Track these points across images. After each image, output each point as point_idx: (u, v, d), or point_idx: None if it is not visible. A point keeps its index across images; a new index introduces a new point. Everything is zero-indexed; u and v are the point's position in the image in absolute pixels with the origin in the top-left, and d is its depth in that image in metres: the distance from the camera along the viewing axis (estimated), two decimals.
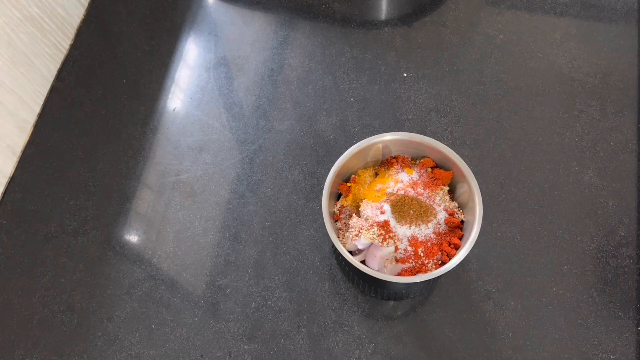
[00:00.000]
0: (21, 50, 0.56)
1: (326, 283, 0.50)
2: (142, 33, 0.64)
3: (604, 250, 0.50)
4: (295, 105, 0.59)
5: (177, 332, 0.49)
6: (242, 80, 0.60)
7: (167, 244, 0.52)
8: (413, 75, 0.59)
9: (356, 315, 0.48)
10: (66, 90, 0.61)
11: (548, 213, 0.52)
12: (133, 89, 0.60)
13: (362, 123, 0.57)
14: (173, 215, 0.54)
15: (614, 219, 0.51)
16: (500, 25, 0.62)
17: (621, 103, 0.56)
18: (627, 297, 0.48)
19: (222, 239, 0.52)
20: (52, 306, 0.50)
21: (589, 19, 0.61)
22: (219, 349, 0.48)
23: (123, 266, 0.52)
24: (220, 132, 0.58)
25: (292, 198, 0.54)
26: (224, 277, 0.51)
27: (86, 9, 0.65)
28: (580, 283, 0.49)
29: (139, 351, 0.48)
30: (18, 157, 0.57)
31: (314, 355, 0.47)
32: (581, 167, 0.54)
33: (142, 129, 0.58)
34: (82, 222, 0.54)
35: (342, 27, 0.63)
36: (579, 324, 0.47)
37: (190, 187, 0.55)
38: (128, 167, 0.56)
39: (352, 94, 0.59)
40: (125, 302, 0.50)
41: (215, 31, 0.63)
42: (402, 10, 0.64)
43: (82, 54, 0.63)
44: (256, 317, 0.49)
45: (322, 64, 0.61)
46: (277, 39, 0.63)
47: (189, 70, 0.61)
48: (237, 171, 0.55)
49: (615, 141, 0.55)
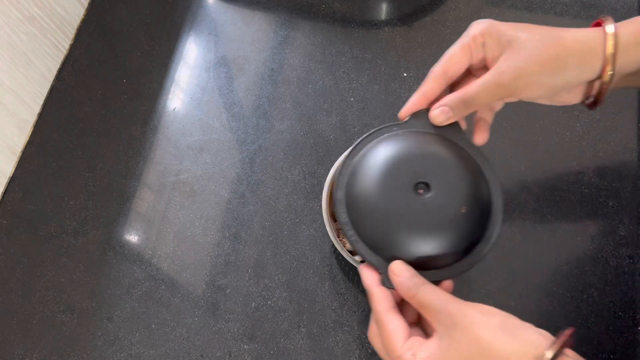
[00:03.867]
0: (21, 50, 0.56)
1: (326, 283, 0.50)
2: (142, 33, 0.64)
3: (604, 250, 0.50)
4: (295, 105, 0.59)
5: (177, 332, 0.49)
6: (242, 80, 0.60)
7: (167, 244, 0.52)
8: (413, 75, 0.59)
9: (356, 315, 0.48)
10: (66, 90, 0.61)
11: (548, 213, 0.52)
12: (133, 89, 0.60)
13: (362, 123, 0.57)
14: (173, 215, 0.54)
15: (614, 219, 0.51)
16: None
17: (621, 103, 0.56)
18: (627, 297, 0.48)
19: (222, 238, 0.52)
20: (52, 306, 0.50)
21: (589, 19, 0.61)
22: (219, 348, 0.48)
23: (123, 266, 0.52)
24: (220, 132, 0.58)
25: (292, 198, 0.54)
26: (224, 277, 0.51)
27: (86, 9, 0.65)
28: (580, 283, 0.49)
29: (139, 351, 0.48)
30: (18, 157, 0.57)
31: (314, 355, 0.47)
32: (581, 167, 0.54)
33: (142, 128, 0.58)
34: (82, 222, 0.54)
35: (342, 27, 0.63)
36: (579, 324, 0.47)
37: (190, 187, 0.55)
38: (128, 167, 0.56)
39: (352, 94, 0.59)
40: (125, 302, 0.50)
41: (215, 31, 0.63)
42: (402, 10, 0.64)
43: (82, 54, 0.63)
44: (256, 317, 0.49)
45: (322, 64, 0.61)
46: (277, 38, 0.63)
47: (189, 70, 0.61)
48: (237, 171, 0.55)
49: (615, 141, 0.55)
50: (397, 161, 0.39)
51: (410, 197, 0.37)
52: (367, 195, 0.38)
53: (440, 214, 0.37)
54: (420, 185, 0.38)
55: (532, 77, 0.37)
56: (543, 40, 0.37)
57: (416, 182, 0.38)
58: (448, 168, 0.38)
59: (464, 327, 0.31)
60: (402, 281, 0.35)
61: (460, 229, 0.37)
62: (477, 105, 0.38)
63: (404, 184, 0.38)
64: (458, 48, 0.40)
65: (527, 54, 0.37)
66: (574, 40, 0.37)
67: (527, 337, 0.31)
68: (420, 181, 0.38)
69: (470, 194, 0.38)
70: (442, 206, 0.37)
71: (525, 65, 0.37)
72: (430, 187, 0.38)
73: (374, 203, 0.38)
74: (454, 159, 0.39)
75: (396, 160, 0.39)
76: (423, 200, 0.37)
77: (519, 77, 0.37)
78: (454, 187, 0.38)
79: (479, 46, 0.39)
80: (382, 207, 0.38)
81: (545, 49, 0.37)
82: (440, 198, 0.37)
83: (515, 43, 0.37)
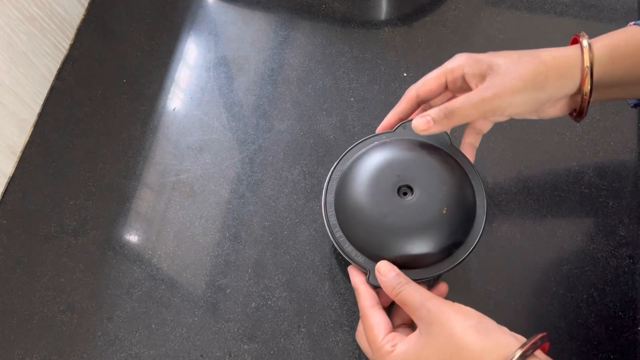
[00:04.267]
0: (21, 50, 0.56)
1: (326, 283, 0.50)
2: (142, 33, 0.64)
3: (604, 250, 0.50)
4: (295, 105, 0.59)
5: (177, 332, 0.49)
6: (242, 80, 0.60)
7: (167, 244, 0.52)
8: (413, 75, 0.59)
9: (356, 315, 0.48)
10: (66, 90, 0.61)
11: (548, 213, 0.52)
12: (133, 89, 0.60)
13: (362, 123, 0.57)
14: (173, 215, 0.54)
15: (614, 219, 0.51)
16: (500, 25, 0.62)
17: (621, 103, 0.56)
18: (627, 297, 0.48)
19: (222, 238, 0.52)
20: (52, 306, 0.50)
21: (589, 19, 0.61)
22: (219, 348, 0.48)
23: (123, 266, 0.52)
24: (220, 132, 0.58)
25: (292, 198, 0.54)
26: (224, 277, 0.51)
27: (86, 9, 0.65)
28: (580, 283, 0.49)
29: (139, 351, 0.48)
30: (18, 157, 0.57)
31: (314, 355, 0.47)
32: (581, 167, 0.54)
33: (142, 128, 0.58)
34: (82, 222, 0.54)
35: (342, 27, 0.63)
36: (579, 324, 0.47)
37: (190, 187, 0.55)
38: (128, 167, 0.56)
39: (352, 94, 0.59)
40: (125, 302, 0.50)
41: (215, 31, 0.64)
42: (402, 10, 0.64)
43: (82, 54, 0.63)
44: (256, 317, 0.49)
45: (322, 64, 0.61)
46: (277, 38, 0.63)
47: (189, 70, 0.61)
48: (237, 171, 0.55)
49: (615, 141, 0.55)
50: (382, 167, 0.41)
51: (394, 200, 0.40)
52: (354, 199, 0.41)
53: (421, 215, 0.39)
54: (403, 189, 0.40)
55: (515, 94, 0.38)
56: (522, 61, 0.39)
57: (399, 185, 0.40)
58: (431, 172, 0.41)
59: (440, 323, 0.33)
60: (386, 280, 0.38)
61: (442, 230, 0.39)
62: (459, 117, 0.40)
63: (388, 188, 0.40)
64: (434, 75, 0.43)
65: (508, 74, 0.39)
66: (552, 58, 0.39)
67: (499, 337, 0.32)
68: (403, 184, 0.40)
69: (452, 197, 0.40)
70: (423, 208, 0.39)
71: (508, 82, 0.38)
72: (413, 190, 0.40)
73: (360, 206, 0.40)
74: (438, 164, 0.41)
75: (381, 166, 0.41)
76: (406, 202, 0.40)
77: (503, 93, 0.38)
78: (435, 190, 0.40)
79: (456, 76, 0.41)
80: (368, 209, 0.40)
81: (525, 67, 0.39)
82: (422, 201, 0.40)
83: (496, 66, 0.39)
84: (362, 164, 0.42)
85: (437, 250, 0.39)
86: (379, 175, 0.41)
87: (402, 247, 0.39)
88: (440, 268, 0.40)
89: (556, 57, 0.39)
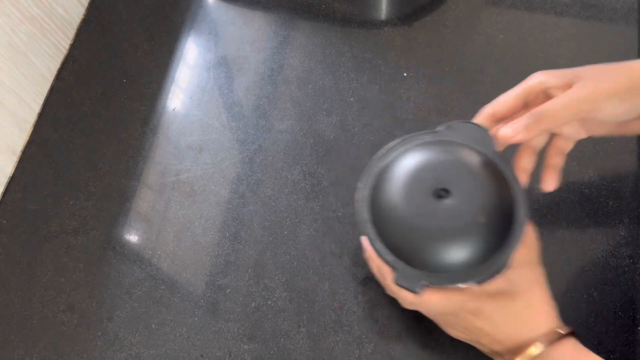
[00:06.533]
0: (21, 50, 0.56)
1: (326, 283, 0.50)
2: (142, 33, 0.64)
3: (604, 250, 0.50)
4: (295, 105, 0.59)
5: (177, 332, 0.49)
6: (242, 80, 0.60)
7: (167, 244, 0.52)
8: (413, 75, 0.59)
9: (356, 315, 0.48)
10: (66, 90, 0.61)
11: (548, 213, 0.52)
12: (133, 89, 0.60)
13: (362, 123, 0.57)
14: (173, 215, 0.54)
15: (614, 219, 0.51)
16: (500, 25, 0.62)
17: None
18: (627, 297, 0.48)
19: (222, 238, 0.52)
20: (52, 306, 0.50)
21: (589, 19, 0.61)
22: (219, 348, 0.48)
23: (123, 266, 0.52)
24: (220, 132, 0.58)
25: (292, 198, 0.54)
26: (224, 277, 0.51)
27: (86, 9, 0.65)
28: (580, 283, 0.49)
29: (139, 351, 0.48)
30: (18, 157, 0.57)
31: (314, 355, 0.47)
32: (581, 167, 0.54)
33: (142, 128, 0.58)
34: (82, 222, 0.54)
35: (342, 27, 0.63)
36: (579, 323, 0.47)
37: (190, 187, 0.55)
38: (128, 167, 0.56)
39: (352, 93, 0.59)
40: (125, 302, 0.50)
41: (215, 31, 0.63)
42: (402, 10, 0.64)
43: (82, 54, 0.63)
44: (256, 317, 0.49)
45: (322, 64, 0.61)
46: (277, 38, 0.63)
47: (189, 70, 0.61)
48: (237, 171, 0.55)
49: (615, 141, 0.55)
50: (420, 167, 0.40)
51: (430, 202, 0.39)
52: (388, 198, 0.40)
53: (456, 219, 0.38)
54: (441, 192, 0.39)
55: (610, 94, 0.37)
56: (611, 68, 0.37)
57: (437, 188, 0.39)
58: (471, 177, 0.39)
59: None
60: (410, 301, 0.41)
61: (476, 236, 0.38)
62: (550, 119, 0.37)
63: (425, 189, 0.39)
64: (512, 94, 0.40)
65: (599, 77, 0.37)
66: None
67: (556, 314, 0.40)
68: (441, 187, 0.39)
69: (489, 204, 0.39)
70: (459, 212, 0.38)
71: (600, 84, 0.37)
72: (450, 193, 0.39)
73: (394, 205, 0.39)
74: (478, 169, 0.40)
75: (420, 167, 0.40)
76: (441, 206, 0.38)
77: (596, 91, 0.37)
78: (473, 195, 0.39)
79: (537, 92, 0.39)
80: (401, 209, 0.39)
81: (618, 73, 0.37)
82: (458, 205, 0.38)
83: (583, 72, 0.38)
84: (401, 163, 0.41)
85: (468, 256, 0.38)
86: (417, 176, 0.40)
87: (432, 249, 0.38)
88: (465, 278, 0.39)
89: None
